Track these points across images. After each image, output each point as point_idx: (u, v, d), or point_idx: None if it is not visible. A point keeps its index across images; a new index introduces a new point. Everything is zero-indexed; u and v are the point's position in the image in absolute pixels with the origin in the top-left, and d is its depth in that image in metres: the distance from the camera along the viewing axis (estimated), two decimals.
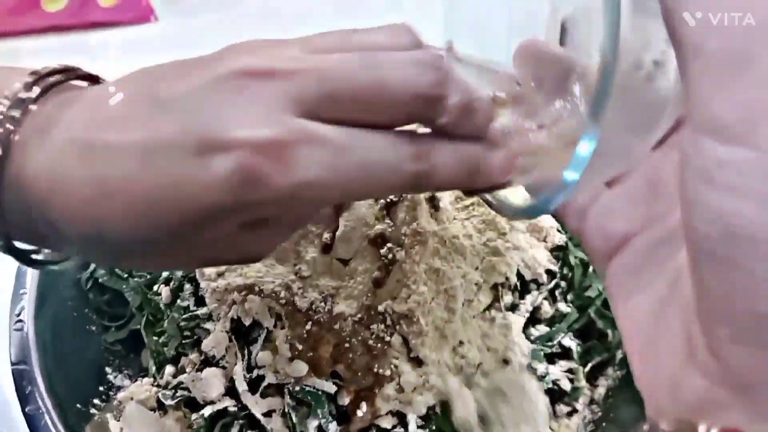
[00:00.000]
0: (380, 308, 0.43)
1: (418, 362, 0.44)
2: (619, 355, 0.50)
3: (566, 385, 0.48)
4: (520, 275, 0.49)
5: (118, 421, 0.44)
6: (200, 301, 0.46)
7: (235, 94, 0.23)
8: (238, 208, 0.23)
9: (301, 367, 0.42)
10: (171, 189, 0.22)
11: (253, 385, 0.43)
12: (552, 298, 0.50)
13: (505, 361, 0.46)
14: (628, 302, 0.23)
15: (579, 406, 0.49)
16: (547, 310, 0.50)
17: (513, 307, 0.48)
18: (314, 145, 0.23)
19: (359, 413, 0.43)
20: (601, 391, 0.49)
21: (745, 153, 0.16)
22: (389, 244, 0.43)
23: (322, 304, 0.44)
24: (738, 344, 0.17)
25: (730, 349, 0.17)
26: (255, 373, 0.43)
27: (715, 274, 0.17)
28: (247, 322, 0.43)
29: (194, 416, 0.43)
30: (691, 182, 0.17)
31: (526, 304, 0.50)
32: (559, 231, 0.51)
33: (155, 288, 0.47)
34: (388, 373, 0.43)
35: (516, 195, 0.27)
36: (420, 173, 0.25)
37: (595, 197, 0.25)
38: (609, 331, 0.51)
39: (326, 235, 0.44)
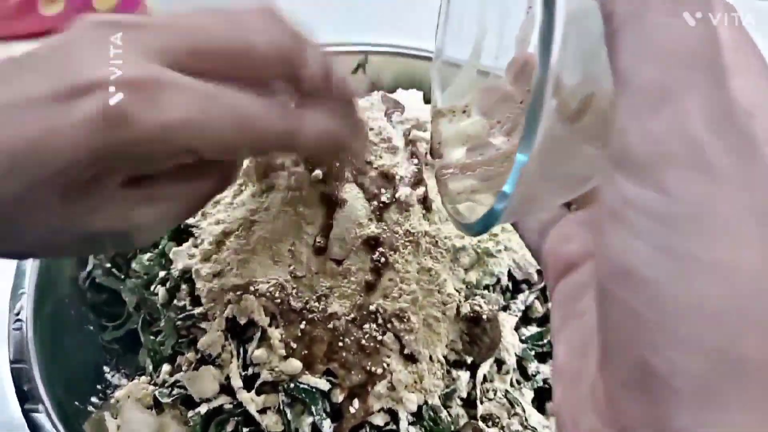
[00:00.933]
0: (372, 308, 0.44)
1: (411, 360, 0.45)
2: None
3: None
4: (511, 276, 0.50)
5: (116, 418, 0.45)
6: (196, 301, 0.46)
7: (101, 41, 0.23)
8: (109, 152, 0.22)
9: (296, 365, 0.43)
10: (37, 140, 0.22)
11: (249, 383, 0.44)
12: (543, 297, 0.51)
13: (498, 363, 0.47)
14: (564, 327, 0.22)
15: None
16: (538, 309, 0.51)
17: (505, 308, 0.49)
18: (180, 90, 0.23)
19: (351, 410, 0.44)
20: None
21: (649, 193, 0.16)
22: (381, 249, 0.44)
23: (316, 303, 0.45)
24: (626, 388, 0.17)
25: (620, 391, 0.17)
26: (250, 370, 0.44)
27: (609, 314, 0.17)
28: (243, 321, 0.44)
29: (190, 413, 0.43)
30: (602, 218, 0.17)
31: (518, 304, 0.51)
32: None
33: (152, 288, 0.48)
34: (380, 371, 0.44)
35: (476, 212, 0.27)
36: (289, 130, 0.27)
37: (557, 218, 0.25)
38: None
39: (319, 239, 0.44)
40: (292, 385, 0.43)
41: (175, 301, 0.47)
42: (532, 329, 0.50)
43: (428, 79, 0.67)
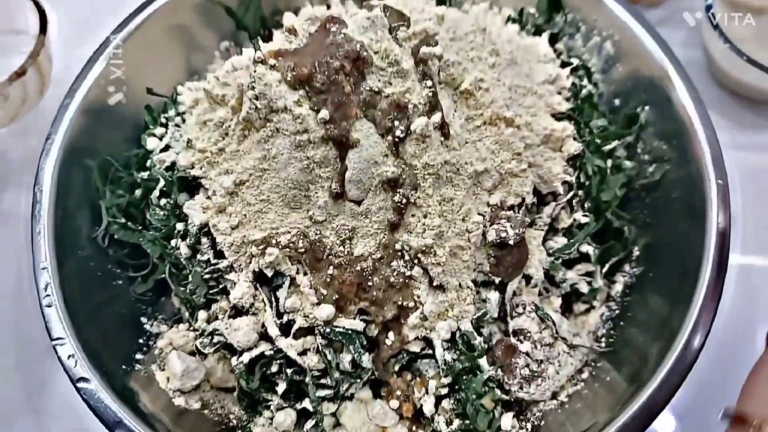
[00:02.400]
0: (397, 246, 0.43)
1: (440, 290, 0.45)
2: (636, 252, 0.51)
3: (584, 288, 0.49)
4: (536, 191, 0.48)
5: (163, 370, 0.46)
6: (220, 254, 0.46)
7: None
8: None
9: (329, 310, 0.43)
10: None
11: (286, 329, 0.45)
12: (570, 207, 0.50)
13: (526, 278, 0.47)
14: None
15: (596, 303, 0.51)
16: (564, 220, 0.50)
17: (531, 223, 0.48)
18: None
19: (387, 342, 0.45)
20: (618, 287, 0.51)
21: None
22: (401, 190, 0.42)
23: (341, 247, 0.44)
24: None
25: None
26: (285, 318, 0.44)
27: None
28: (270, 273, 0.44)
29: (234, 362, 0.45)
30: None
31: (543, 217, 0.49)
32: (575, 139, 0.49)
33: (173, 243, 0.47)
34: (411, 304, 0.44)
35: None
36: None
37: None
38: (625, 228, 0.51)
39: (334, 185, 0.42)
40: (327, 329, 0.43)
41: (198, 256, 0.46)
42: (560, 240, 0.49)
43: None
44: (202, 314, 0.47)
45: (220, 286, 0.46)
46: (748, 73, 0.61)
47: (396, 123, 0.42)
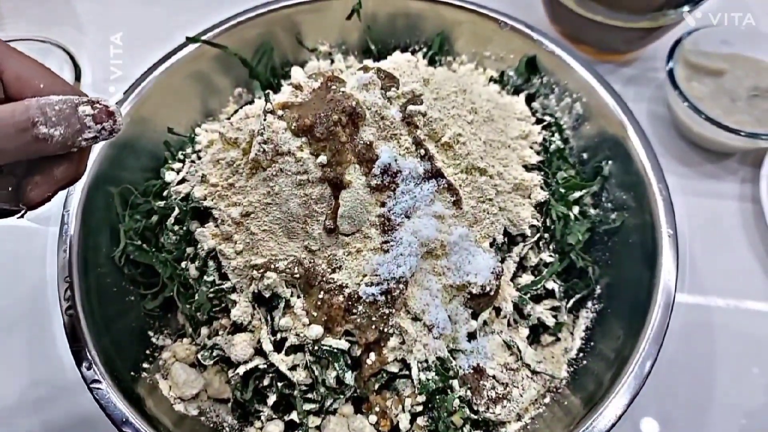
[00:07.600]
0: None
1: (417, 319, 0.51)
2: (598, 290, 0.57)
3: (550, 321, 0.55)
4: (507, 233, 0.54)
5: (166, 379, 0.52)
6: (224, 276, 0.51)
7: None
8: None
9: (318, 330, 0.48)
10: None
11: (279, 345, 0.50)
12: (537, 248, 0.56)
13: (497, 309, 0.53)
14: None
15: (561, 335, 0.56)
16: (532, 259, 0.56)
17: (502, 260, 0.54)
18: None
19: (368, 362, 0.50)
20: (581, 322, 0.56)
21: None
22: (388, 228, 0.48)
23: (331, 275, 0.49)
24: None
25: None
26: (278, 336, 0.50)
27: None
28: (267, 295, 0.49)
29: (230, 374, 0.50)
30: None
31: (513, 256, 0.55)
32: (542, 188, 0.55)
33: (182, 264, 0.53)
34: (391, 330, 0.50)
35: None
36: None
37: None
38: (589, 268, 0.57)
39: (328, 221, 0.48)
40: (316, 347, 0.49)
41: (205, 277, 0.52)
42: (527, 278, 0.55)
43: (424, 22, 0.67)
44: (204, 330, 0.53)
45: (222, 305, 0.52)
46: (706, 128, 0.68)
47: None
